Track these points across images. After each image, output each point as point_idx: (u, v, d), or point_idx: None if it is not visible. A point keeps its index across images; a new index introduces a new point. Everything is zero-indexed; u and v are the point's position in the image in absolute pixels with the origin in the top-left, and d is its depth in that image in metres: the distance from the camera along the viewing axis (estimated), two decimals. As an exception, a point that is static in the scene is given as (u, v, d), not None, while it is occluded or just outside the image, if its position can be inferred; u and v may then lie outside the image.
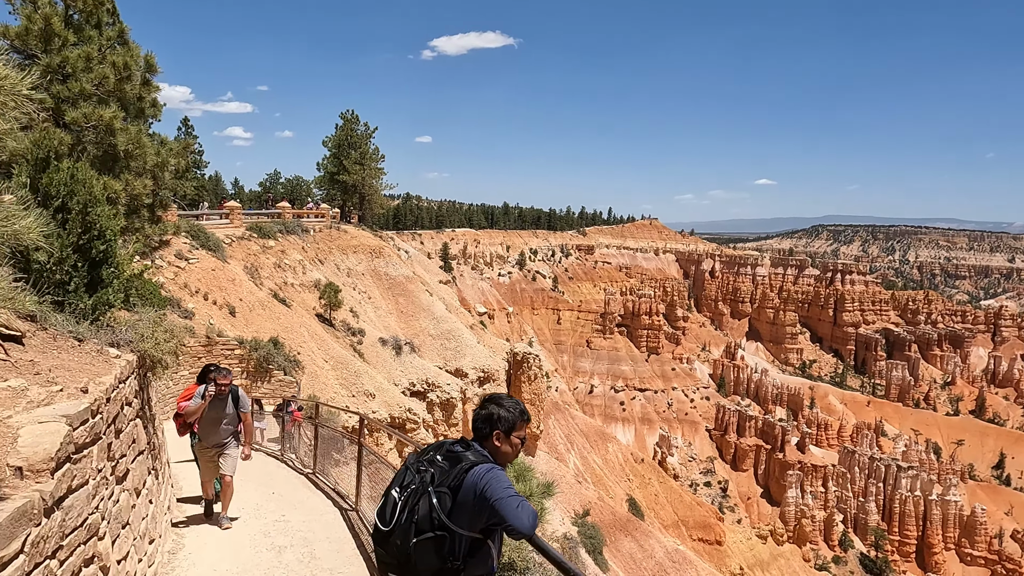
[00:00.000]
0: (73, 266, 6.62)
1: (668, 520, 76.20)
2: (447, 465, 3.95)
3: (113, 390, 5.20)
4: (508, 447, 4.15)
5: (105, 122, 11.66)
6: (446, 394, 39.41)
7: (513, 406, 4.19)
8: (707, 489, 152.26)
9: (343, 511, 10.24)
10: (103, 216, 6.89)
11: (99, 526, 4.49)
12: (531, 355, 51.11)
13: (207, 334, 27.53)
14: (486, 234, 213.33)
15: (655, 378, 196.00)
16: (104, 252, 6.99)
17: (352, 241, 49.02)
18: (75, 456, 4.07)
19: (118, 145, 11.86)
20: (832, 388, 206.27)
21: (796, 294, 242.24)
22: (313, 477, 12.23)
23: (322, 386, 30.20)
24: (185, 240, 33.46)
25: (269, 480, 11.79)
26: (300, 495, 11.22)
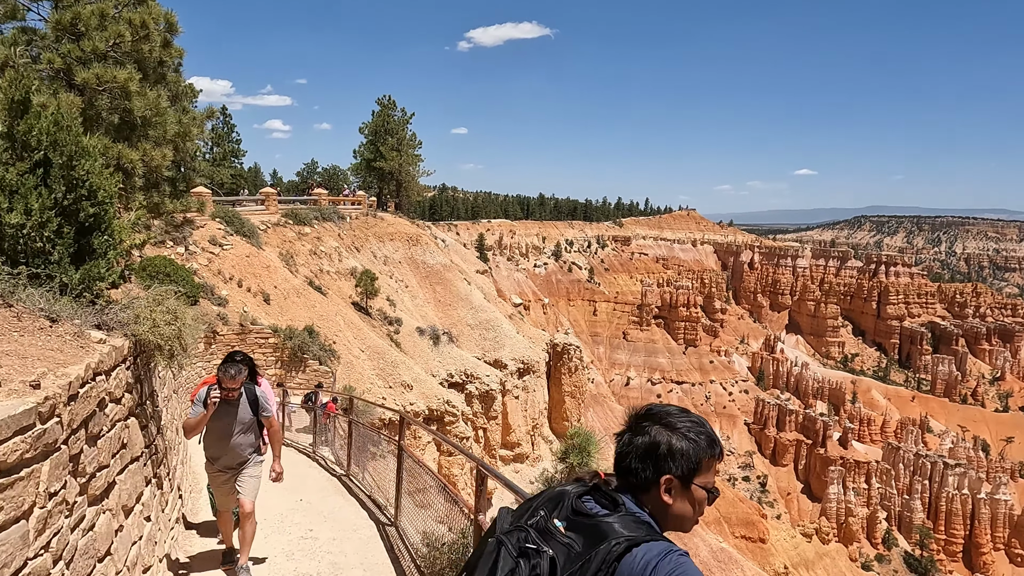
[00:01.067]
0: (56, 232, 5.43)
1: (709, 517, 74.32)
2: (579, 542, 2.12)
3: (84, 384, 3.99)
4: (687, 505, 2.36)
5: (120, 84, 10.51)
6: (485, 386, 38.23)
7: (696, 431, 2.44)
8: (745, 484, 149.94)
9: (380, 526, 8.91)
10: (94, 172, 5.67)
11: (48, 571, 3.26)
12: (572, 346, 49.75)
13: (240, 322, 26.64)
14: (522, 225, 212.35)
15: (692, 371, 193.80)
16: (95, 217, 5.78)
17: (389, 228, 47.99)
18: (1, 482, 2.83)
19: (134, 111, 10.71)
20: (875, 382, 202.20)
21: (838, 286, 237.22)
22: (347, 480, 10.96)
23: (358, 376, 29.18)
24: (219, 226, 32.66)
25: (297, 483, 10.56)
26: (331, 503, 9.90)
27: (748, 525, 79.16)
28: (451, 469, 32.06)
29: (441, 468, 31.96)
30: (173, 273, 26.81)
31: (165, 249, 28.96)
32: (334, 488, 10.60)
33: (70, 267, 5.53)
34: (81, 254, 5.74)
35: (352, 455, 10.86)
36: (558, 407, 51.08)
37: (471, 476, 35.86)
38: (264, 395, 7.73)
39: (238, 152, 67.76)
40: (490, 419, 39.11)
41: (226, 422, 7.35)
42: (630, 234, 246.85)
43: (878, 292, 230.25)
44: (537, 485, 46.32)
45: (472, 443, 34.75)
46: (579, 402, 50.70)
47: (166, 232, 28.96)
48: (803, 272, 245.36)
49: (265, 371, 26.90)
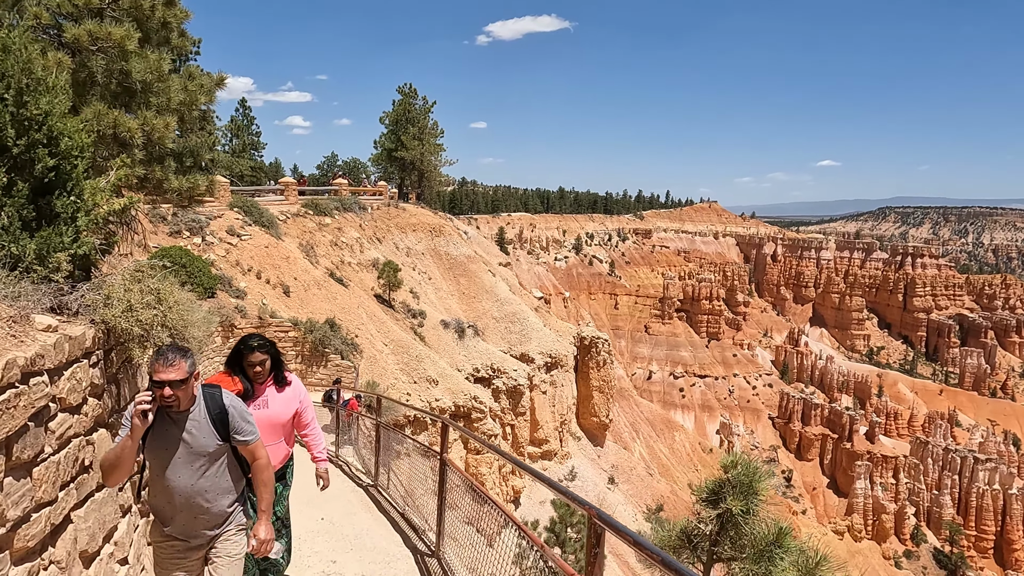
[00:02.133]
0: (4, 189, 4.16)
1: (739, 513, 72.21)
2: None
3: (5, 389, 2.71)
4: None
5: (115, 42, 9.24)
6: (513, 380, 36.84)
7: None
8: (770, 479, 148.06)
9: (419, 556, 7.31)
10: (55, 114, 4.38)
11: None
12: (599, 339, 48.28)
13: (259, 314, 25.50)
14: (542, 218, 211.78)
15: (715, 364, 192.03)
16: (56, 171, 4.48)
17: (411, 219, 46.72)
18: None
19: (132, 73, 9.44)
20: (902, 376, 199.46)
21: (863, 278, 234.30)
22: (374, 493, 9.45)
23: (381, 371, 27.97)
24: (237, 216, 31.58)
25: (317, 495, 9.15)
26: (358, 523, 8.40)
27: (778, 522, 77.10)
28: (479, 468, 30.76)
29: (468, 467, 30.74)
30: (189, 264, 25.70)
31: (181, 239, 27.91)
32: (360, 502, 9.18)
33: (22, 234, 4.24)
34: (39, 219, 4.45)
35: (380, 462, 9.48)
36: (586, 402, 49.60)
37: (499, 475, 34.74)
38: (235, 407, 4.41)
39: (258, 145, 67.25)
40: (518, 415, 37.75)
41: (172, 449, 4.09)
42: (651, 227, 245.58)
43: (904, 284, 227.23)
44: (566, 483, 45.01)
45: (500, 441, 33.47)
46: (607, 397, 49.20)
47: (173, 214, 27.93)
48: (827, 264, 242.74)
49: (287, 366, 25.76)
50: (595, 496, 42.54)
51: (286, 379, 5.91)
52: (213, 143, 46.93)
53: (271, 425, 5.61)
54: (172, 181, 10.49)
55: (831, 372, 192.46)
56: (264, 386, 5.74)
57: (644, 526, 42.85)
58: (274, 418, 5.69)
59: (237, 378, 5.50)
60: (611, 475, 46.43)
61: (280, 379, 5.84)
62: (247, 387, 5.58)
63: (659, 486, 50.14)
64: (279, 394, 5.79)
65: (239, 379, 5.59)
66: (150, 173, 10.11)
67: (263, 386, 5.74)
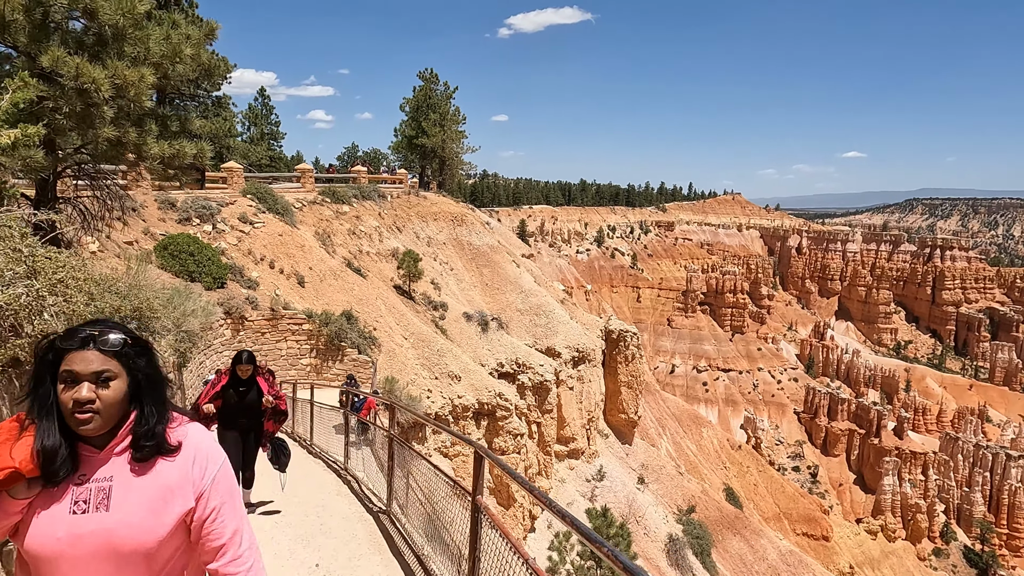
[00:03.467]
0: None
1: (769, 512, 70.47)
2: None
3: None
4: None
5: (78, -24, 7.63)
6: (539, 376, 35.02)
7: None
8: (795, 474, 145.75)
9: None
10: None
11: None
12: (628, 333, 46.34)
13: (271, 306, 24.00)
14: (563, 211, 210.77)
15: (739, 358, 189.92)
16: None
17: (432, 208, 45.02)
18: None
19: (99, 14, 7.81)
20: (930, 370, 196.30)
21: (890, 271, 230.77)
22: (386, 523, 7.53)
23: (400, 366, 26.37)
24: (250, 203, 30.09)
25: (315, 527, 7.39)
26: (366, 571, 6.46)
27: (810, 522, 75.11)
28: (504, 469, 29.10)
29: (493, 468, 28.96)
30: (197, 252, 24.21)
31: (191, 227, 26.46)
32: (369, 538, 7.34)
33: None
34: None
35: (395, 486, 7.78)
36: (613, 398, 47.61)
37: (526, 478, 32.98)
38: (183, 479, 2.42)
39: (277, 135, 66.22)
40: (544, 413, 35.91)
41: None
42: (673, 219, 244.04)
43: (933, 277, 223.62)
44: (594, 483, 43.29)
45: (526, 440, 31.68)
46: (636, 393, 47.19)
47: (155, 186, 26.46)
48: (853, 257, 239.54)
49: (299, 360, 24.25)
50: (624, 497, 40.74)
51: (166, 441, 2.48)
52: (229, 129, 45.48)
53: (108, 553, 2.32)
54: (151, 145, 8.88)
55: (857, 366, 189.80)
56: (107, 450, 2.42)
57: (676, 528, 41.15)
58: (117, 539, 2.33)
59: None
60: (640, 475, 44.54)
61: (149, 437, 2.43)
62: None
63: (690, 486, 48.10)
64: (138, 477, 2.42)
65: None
66: (123, 135, 8.49)
67: (107, 449, 2.42)
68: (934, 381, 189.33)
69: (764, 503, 72.53)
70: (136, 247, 22.86)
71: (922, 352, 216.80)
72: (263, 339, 23.57)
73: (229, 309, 22.63)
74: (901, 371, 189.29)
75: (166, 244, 23.37)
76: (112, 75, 8.07)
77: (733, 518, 48.17)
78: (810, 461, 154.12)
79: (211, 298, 21.03)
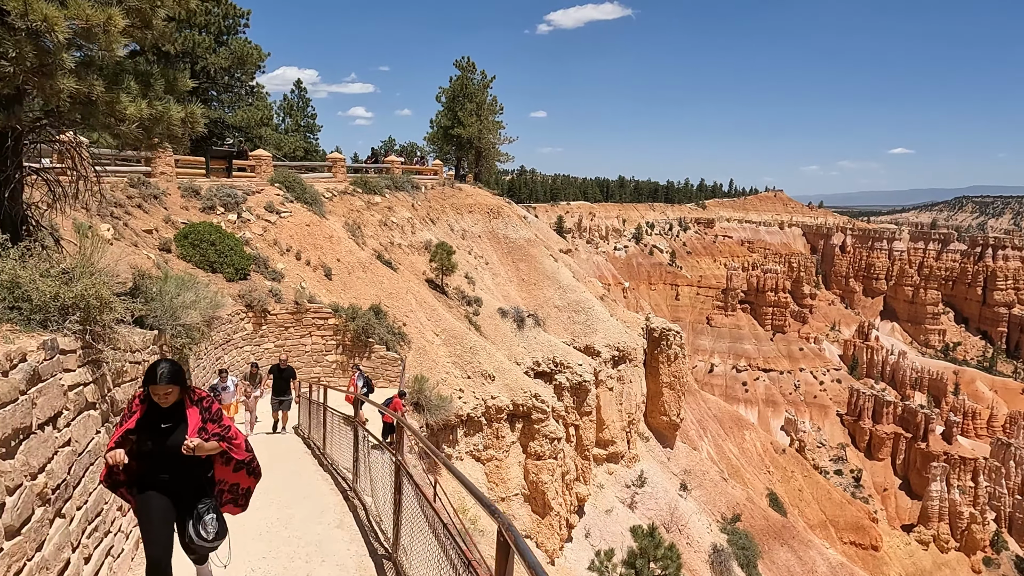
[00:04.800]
0: None
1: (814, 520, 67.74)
2: None
3: None
4: None
5: None
6: (578, 376, 33.24)
7: None
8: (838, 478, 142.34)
9: None
10: None
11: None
12: (671, 331, 44.28)
13: (296, 299, 22.73)
14: (601, 207, 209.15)
15: (780, 358, 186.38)
16: None
17: (467, 200, 43.46)
18: None
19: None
20: (980, 373, 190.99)
21: (939, 270, 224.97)
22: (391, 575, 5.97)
23: (431, 364, 24.93)
24: (278, 192, 28.89)
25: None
26: None
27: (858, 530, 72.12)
28: (540, 475, 27.42)
29: (528, 473, 27.40)
30: (219, 242, 22.96)
31: (215, 215, 25.28)
32: None
33: None
34: None
35: (402, 529, 6.07)
36: (655, 400, 45.47)
37: (563, 483, 31.34)
38: None
39: (313, 128, 65.58)
40: (583, 415, 34.09)
41: None
42: (713, 216, 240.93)
43: (984, 277, 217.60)
44: (634, 489, 41.34)
45: (564, 444, 29.91)
46: (678, 394, 45.07)
47: (179, 173, 25.37)
48: (900, 256, 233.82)
49: (324, 356, 22.93)
50: (666, 504, 38.73)
51: None
52: (262, 117, 44.46)
53: None
54: (125, 104, 7.43)
55: (903, 368, 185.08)
56: None
57: (720, 538, 39.12)
58: None
59: None
60: (683, 480, 42.43)
61: None
62: None
63: (734, 492, 45.88)
64: None
65: None
66: (89, 89, 7.06)
67: None
68: (984, 384, 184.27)
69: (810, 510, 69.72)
70: (155, 235, 21.72)
71: (971, 354, 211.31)
72: (287, 334, 22.32)
73: (251, 302, 21.40)
74: (949, 373, 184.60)
75: (186, 233, 22.21)
76: (71, 14, 6.66)
77: (780, 527, 45.77)
78: (853, 465, 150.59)
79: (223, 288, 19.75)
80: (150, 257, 19.54)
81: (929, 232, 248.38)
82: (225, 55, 41.18)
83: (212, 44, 40.86)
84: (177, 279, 11.38)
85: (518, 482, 25.70)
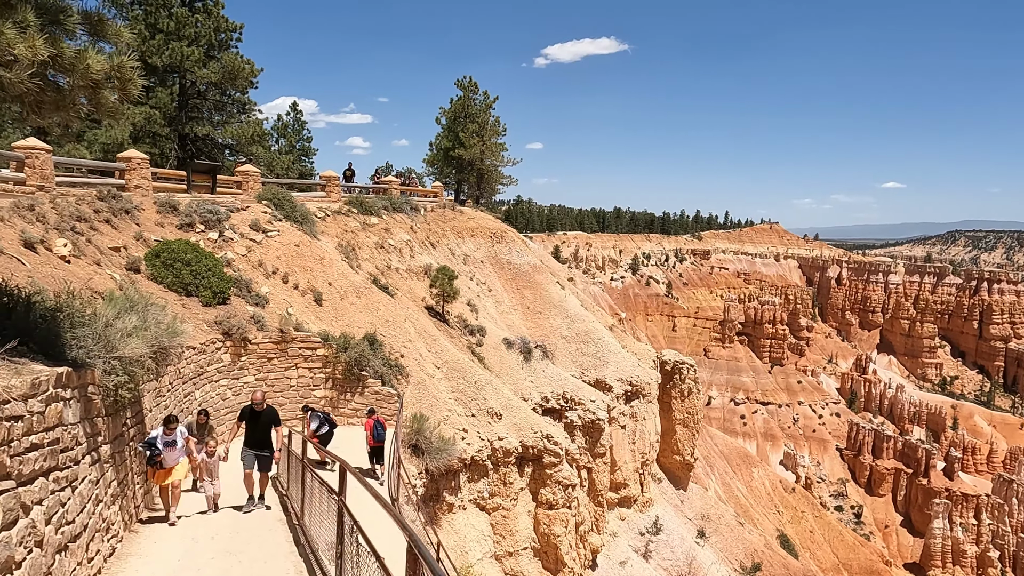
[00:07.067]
0: None
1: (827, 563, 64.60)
2: None
3: None
4: None
5: None
6: (591, 413, 30.41)
7: None
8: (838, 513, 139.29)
9: None
10: None
11: None
12: (684, 364, 41.71)
13: (281, 327, 20.16)
14: (597, 238, 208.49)
15: (779, 391, 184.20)
16: None
17: (469, 223, 40.99)
18: None
19: None
20: (978, 408, 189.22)
21: (935, 304, 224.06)
22: None
23: (431, 401, 22.32)
24: (265, 209, 26.43)
25: None
26: None
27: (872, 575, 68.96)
28: (552, 527, 24.58)
29: (539, 523, 24.56)
30: (195, 262, 20.38)
31: (193, 233, 22.77)
32: None
33: None
34: None
35: None
36: (667, 437, 42.42)
37: (576, 535, 28.53)
38: None
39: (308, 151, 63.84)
40: (596, 456, 31.11)
41: None
42: (709, 247, 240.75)
43: (980, 311, 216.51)
44: (648, 537, 38.42)
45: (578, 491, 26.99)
46: (692, 432, 42.15)
47: (156, 187, 22.70)
48: (896, 289, 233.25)
49: (312, 391, 20.33)
50: (683, 554, 35.73)
51: None
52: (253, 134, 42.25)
53: None
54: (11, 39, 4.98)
55: (902, 402, 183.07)
56: None
57: (741, 590, 36.31)
58: None
59: None
60: (700, 527, 39.52)
61: None
62: None
63: (751, 538, 42.89)
64: None
65: None
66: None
67: None
68: (983, 419, 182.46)
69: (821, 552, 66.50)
70: (124, 253, 19.20)
71: (969, 388, 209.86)
72: (269, 365, 19.74)
73: (229, 329, 18.86)
74: (948, 408, 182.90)
75: (158, 251, 19.69)
76: None
77: (801, 576, 43.08)
78: (854, 500, 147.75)
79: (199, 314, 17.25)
80: (114, 277, 17.01)
81: (924, 265, 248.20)
82: (216, 69, 39.00)
83: (202, 57, 38.74)
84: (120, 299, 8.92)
85: (527, 534, 22.93)
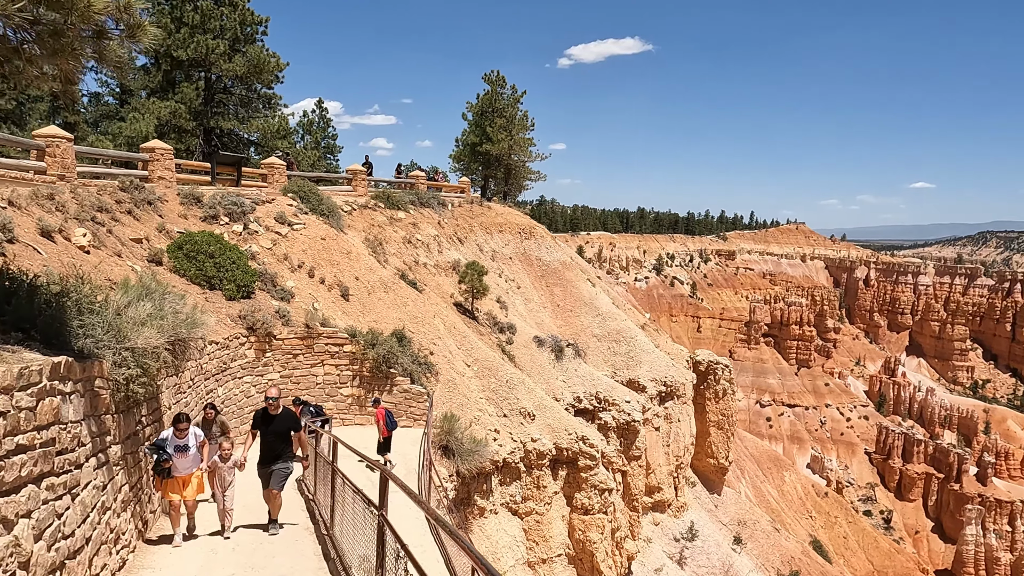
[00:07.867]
0: None
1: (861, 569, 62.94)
2: None
3: None
4: None
5: None
6: (625, 414, 29.34)
7: None
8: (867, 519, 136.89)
9: None
10: None
11: None
12: (718, 365, 40.54)
13: (307, 321, 19.37)
14: (621, 238, 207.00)
15: (805, 393, 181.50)
16: None
17: (497, 219, 40.08)
18: None
19: None
20: (1011, 412, 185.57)
21: (966, 306, 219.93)
22: None
23: (462, 400, 21.41)
24: (291, 202, 25.70)
25: None
26: None
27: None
28: (587, 533, 23.61)
29: (574, 530, 23.61)
30: (218, 254, 19.64)
31: (217, 225, 22.05)
32: None
33: None
34: None
35: None
36: (701, 440, 41.20)
37: (612, 541, 27.51)
38: None
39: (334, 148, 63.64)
40: (631, 459, 30.02)
41: None
42: (734, 248, 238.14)
43: (1013, 313, 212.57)
44: (683, 543, 37.29)
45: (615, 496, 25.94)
46: (727, 435, 40.90)
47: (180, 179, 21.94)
48: (926, 290, 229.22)
49: (339, 389, 19.52)
50: (719, 561, 34.57)
51: None
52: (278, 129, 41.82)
53: None
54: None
55: (932, 405, 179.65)
56: None
57: (779, 599, 35.03)
58: None
59: None
60: (736, 533, 38.24)
61: None
62: None
63: (788, 544, 41.52)
64: None
65: None
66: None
67: None
68: (1016, 423, 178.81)
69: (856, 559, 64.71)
70: (146, 245, 18.49)
71: (1001, 392, 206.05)
72: (295, 362, 18.94)
73: (253, 324, 18.08)
74: (979, 412, 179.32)
75: (181, 243, 18.96)
76: None
77: (840, 585, 41.76)
78: (883, 505, 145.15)
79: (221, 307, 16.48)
80: (135, 269, 16.26)
81: (955, 267, 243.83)
82: (241, 63, 38.46)
83: (227, 51, 38.20)
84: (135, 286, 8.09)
85: (561, 540, 21.91)
